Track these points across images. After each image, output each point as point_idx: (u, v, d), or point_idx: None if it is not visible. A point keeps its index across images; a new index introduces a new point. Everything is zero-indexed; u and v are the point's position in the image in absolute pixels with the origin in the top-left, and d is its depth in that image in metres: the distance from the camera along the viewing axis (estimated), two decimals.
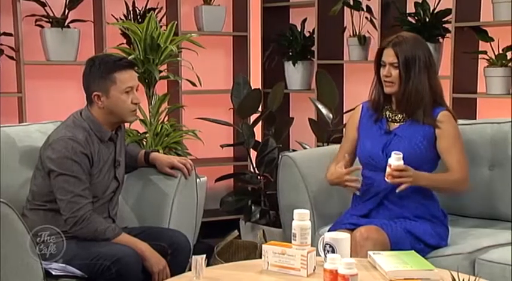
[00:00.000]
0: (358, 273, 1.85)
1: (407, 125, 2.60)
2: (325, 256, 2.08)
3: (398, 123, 2.62)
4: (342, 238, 2.08)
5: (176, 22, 3.43)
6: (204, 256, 1.98)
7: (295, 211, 2.08)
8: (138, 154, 2.71)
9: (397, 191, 2.44)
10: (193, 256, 1.97)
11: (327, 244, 2.09)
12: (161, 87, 3.66)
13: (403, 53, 2.53)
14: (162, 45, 3.17)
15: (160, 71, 3.33)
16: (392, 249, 2.36)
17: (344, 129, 2.86)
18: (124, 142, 2.63)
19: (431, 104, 2.58)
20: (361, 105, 2.76)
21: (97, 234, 2.32)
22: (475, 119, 3.61)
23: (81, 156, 2.34)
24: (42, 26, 3.91)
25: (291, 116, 4.51)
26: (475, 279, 1.67)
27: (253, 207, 3.76)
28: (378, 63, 2.62)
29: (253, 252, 3.17)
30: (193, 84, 3.39)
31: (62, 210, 2.33)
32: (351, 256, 2.06)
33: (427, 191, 2.59)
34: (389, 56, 2.56)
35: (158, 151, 2.97)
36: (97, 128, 2.43)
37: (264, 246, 2.10)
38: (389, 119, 2.64)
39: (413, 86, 2.53)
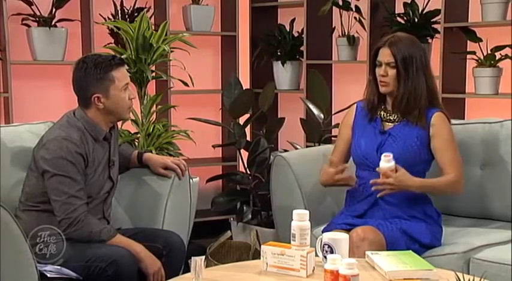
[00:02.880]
0: (359, 273, 1.85)
1: (402, 125, 2.60)
2: (324, 257, 2.08)
3: (392, 123, 2.63)
4: (341, 238, 2.08)
5: (167, 22, 3.40)
6: (204, 257, 1.96)
7: (295, 212, 2.08)
8: (131, 154, 2.69)
9: (377, 195, 2.48)
10: (192, 257, 1.95)
11: (326, 244, 2.09)
12: (149, 88, 3.63)
13: (400, 52, 2.53)
14: (154, 45, 3.14)
15: (152, 71, 3.30)
16: (388, 249, 2.36)
17: (338, 129, 2.84)
18: (117, 142, 2.60)
19: (426, 105, 2.58)
20: (355, 104, 2.76)
21: (92, 236, 2.29)
22: (464, 119, 3.64)
23: (76, 156, 2.31)
24: (28, 25, 3.86)
25: (279, 116, 4.51)
26: (480, 279, 1.67)
27: (245, 207, 3.74)
28: (373, 63, 2.61)
29: (245, 253, 3.17)
30: (186, 84, 3.37)
31: (56, 211, 2.30)
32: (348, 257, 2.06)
33: (417, 193, 2.59)
34: (385, 55, 2.55)
35: (151, 151, 2.94)
36: (91, 127, 2.40)
37: (263, 247, 2.08)
38: (384, 119, 2.65)
39: (412, 87, 2.53)
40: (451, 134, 2.61)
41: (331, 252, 2.05)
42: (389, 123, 2.63)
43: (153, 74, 3.34)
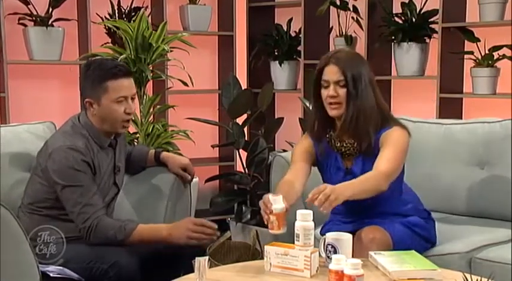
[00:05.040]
0: (364, 274, 1.84)
1: (361, 159, 2.38)
2: (327, 257, 2.07)
3: (352, 157, 2.39)
4: (344, 238, 2.08)
5: (166, 21, 3.40)
6: (207, 257, 1.96)
7: (298, 212, 2.07)
8: (147, 153, 2.67)
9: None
10: (196, 258, 1.94)
11: (329, 244, 2.08)
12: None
13: (349, 69, 2.28)
14: (154, 45, 3.13)
15: (151, 71, 3.29)
16: (395, 248, 2.31)
17: (294, 152, 2.51)
18: (124, 147, 2.58)
19: (378, 127, 2.34)
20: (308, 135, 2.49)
21: (110, 240, 2.26)
22: (461, 119, 3.65)
23: (83, 164, 2.29)
24: (25, 25, 3.84)
25: (276, 116, 4.50)
26: (488, 280, 1.67)
27: (243, 207, 3.74)
28: (318, 84, 2.34)
29: (245, 253, 3.14)
30: (185, 84, 3.36)
31: (74, 222, 2.29)
32: (353, 257, 2.05)
33: (400, 205, 2.47)
34: (333, 73, 2.29)
35: (168, 151, 2.92)
36: (96, 134, 2.37)
37: (266, 247, 2.08)
38: (344, 154, 2.40)
39: (361, 105, 2.28)
40: (402, 145, 2.31)
41: (335, 252, 2.05)
42: (349, 158, 2.39)
43: (152, 73, 3.33)
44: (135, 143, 3.26)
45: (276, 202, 2.09)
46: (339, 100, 2.30)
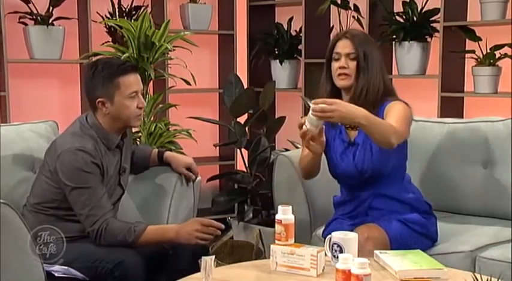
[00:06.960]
0: (371, 273, 1.84)
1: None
2: (333, 256, 2.07)
3: (356, 130, 2.47)
4: (350, 237, 2.07)
5: (170, 20, 3.39)
6: (213, 257, 1.95)
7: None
8: (150, 153, 2.66)
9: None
10: (202, 257, 1.94)
11: (335, 243, 2.08)
12: None
13: (361, 43, 2.44)
14: (157, 44, 3.13)
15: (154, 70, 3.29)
16: (392, 246, 2.33)
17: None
18: (130, 148, 2.58)
19: (383, 99, 2.46)
20: None
21: (120, 243, 2.25)
22: (463, 118, 3.65)
23: (92, 166, 2.28)
24: (25, 24, 3.83)
25: (277, 114, 4.49)
26: (498, 279, 1.66)
27: (246, 207, 3.73)
28: (330, 57, 2.48)
29: (247, 252, 3.14)
30: (188, 83, 3.36)
31: (82, 224, 2.28)
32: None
33: (402, 191, 2.51)
34: (345, 47, 2.44)
35: (171, 150, 2.92)
36: (104, 136, 2.36)
37: (272, 246, 2.08)
38: (347, 126, 2.49)
39: (369, 79, 2.43)
40: (407, 114, 2.42)
41: (341, 251, 2.04)
42: (353, 131, 2.48)
43: (155, 72, 3.33)
44: (138, 142, 3.25)
45: (285, 213, 2.10)
46: (347, 72, 2.44)
